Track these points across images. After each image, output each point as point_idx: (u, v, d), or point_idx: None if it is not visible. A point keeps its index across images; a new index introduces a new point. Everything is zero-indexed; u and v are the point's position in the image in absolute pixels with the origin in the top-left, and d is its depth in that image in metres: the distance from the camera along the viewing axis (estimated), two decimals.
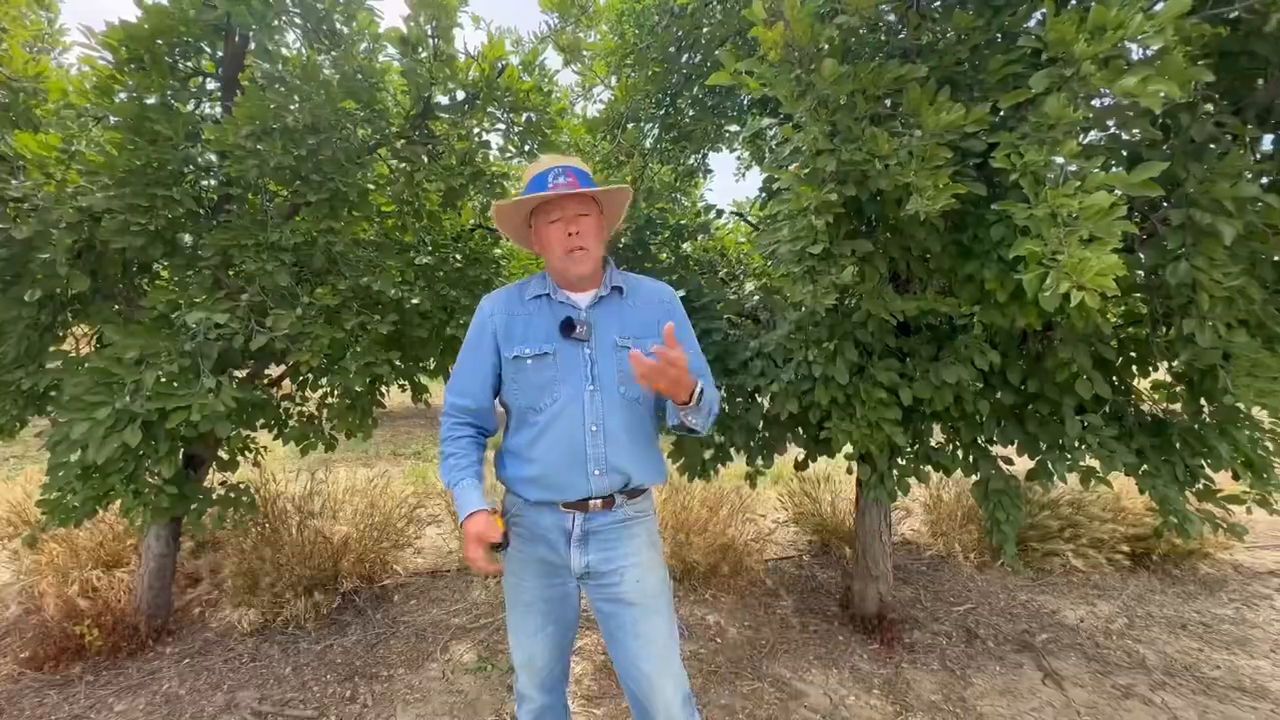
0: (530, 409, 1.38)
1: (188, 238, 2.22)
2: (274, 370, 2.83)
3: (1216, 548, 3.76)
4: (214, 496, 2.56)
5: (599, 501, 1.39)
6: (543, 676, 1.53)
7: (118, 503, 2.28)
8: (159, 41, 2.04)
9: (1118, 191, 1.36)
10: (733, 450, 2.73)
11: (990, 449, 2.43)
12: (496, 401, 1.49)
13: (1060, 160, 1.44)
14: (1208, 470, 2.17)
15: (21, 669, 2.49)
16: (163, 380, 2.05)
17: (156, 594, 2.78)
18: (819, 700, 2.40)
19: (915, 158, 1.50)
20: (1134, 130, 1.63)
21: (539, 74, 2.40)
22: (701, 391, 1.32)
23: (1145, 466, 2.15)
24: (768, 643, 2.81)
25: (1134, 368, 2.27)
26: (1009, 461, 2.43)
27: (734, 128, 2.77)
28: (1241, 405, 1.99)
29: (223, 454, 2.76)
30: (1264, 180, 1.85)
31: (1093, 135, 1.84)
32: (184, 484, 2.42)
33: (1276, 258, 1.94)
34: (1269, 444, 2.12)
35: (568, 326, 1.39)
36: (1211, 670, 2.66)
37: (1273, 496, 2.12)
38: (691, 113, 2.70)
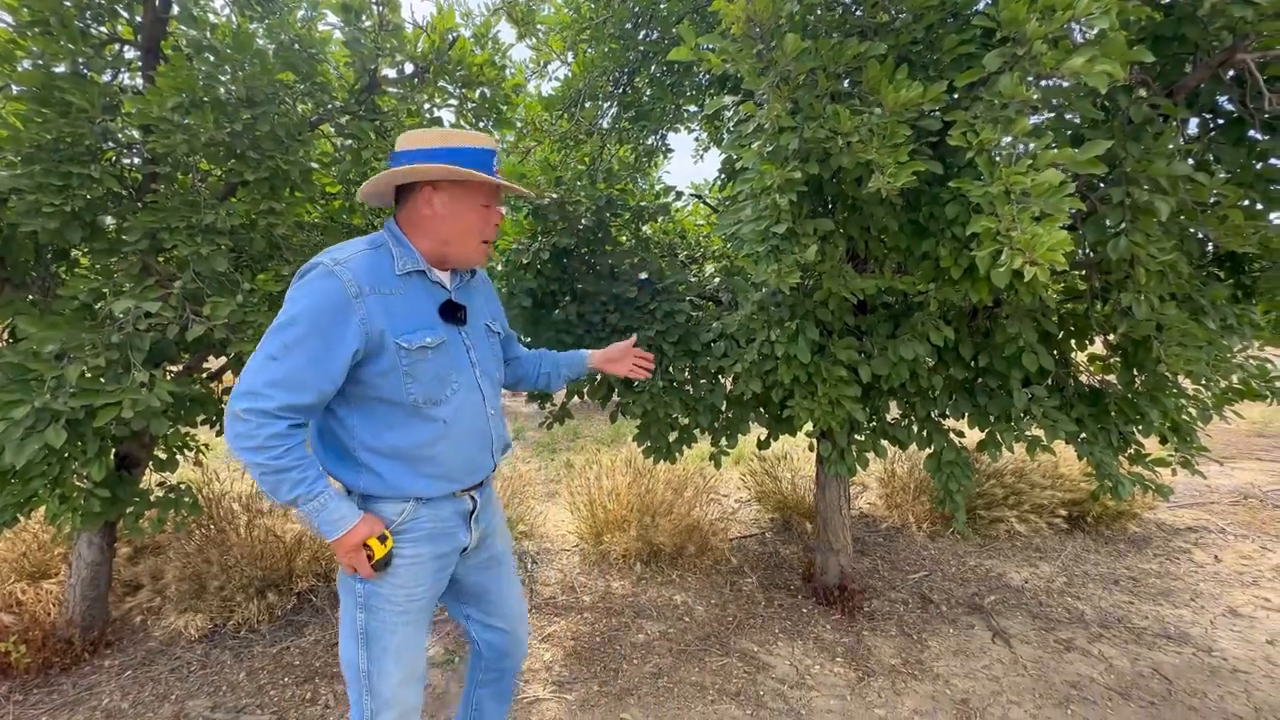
0: (428, 402, 1.25)
1: (110, 220, 2.05)
2: (215, 363, 2.66)
3: (1142, 508, 4.05)
4: (152, 498, 2.40)
5: (490, 475, 1.46)
6: (422, 678, 1.40)
7: (41, 509, 2.11)
8: (66, 3, 1.85)
9: (1061, 169, 1.41)
10: (697, 431, 2.75)
11: (943, 422, 2.53)
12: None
13: (1009, 139, 1.48)
14: (1138, 436, 2.32)
15: None
16: (88, 375, 1.89)
17: (91, 604, 2.59)
18: (786, 671, 2.47)
19: (876, 135, 1.52)
20: (1078, 111, 1.69)
21: (492, 47, 2.30)
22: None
23: (1083, 434, 2.28)
24: (734, 619, 2.86)
25: (1073, 341, 2.39)
26: (960, 434, 2.53)
27: (693, 108, 2.75)
28: (1170, 374, 2.12)
29: (160, 453, 2.59)
30: (1190, 160, 1.96)
31: (1036, 118, 1.91)
32: (117, 486, 2.26)
33: (1200, 235, 2.08)
34: (1192, 410, 2.28)
35: (451, 310, 1.32)
36: (1141, 621, 2.87)
37: (1194, 459, 2.29)
38: (649, 91, 2.66)
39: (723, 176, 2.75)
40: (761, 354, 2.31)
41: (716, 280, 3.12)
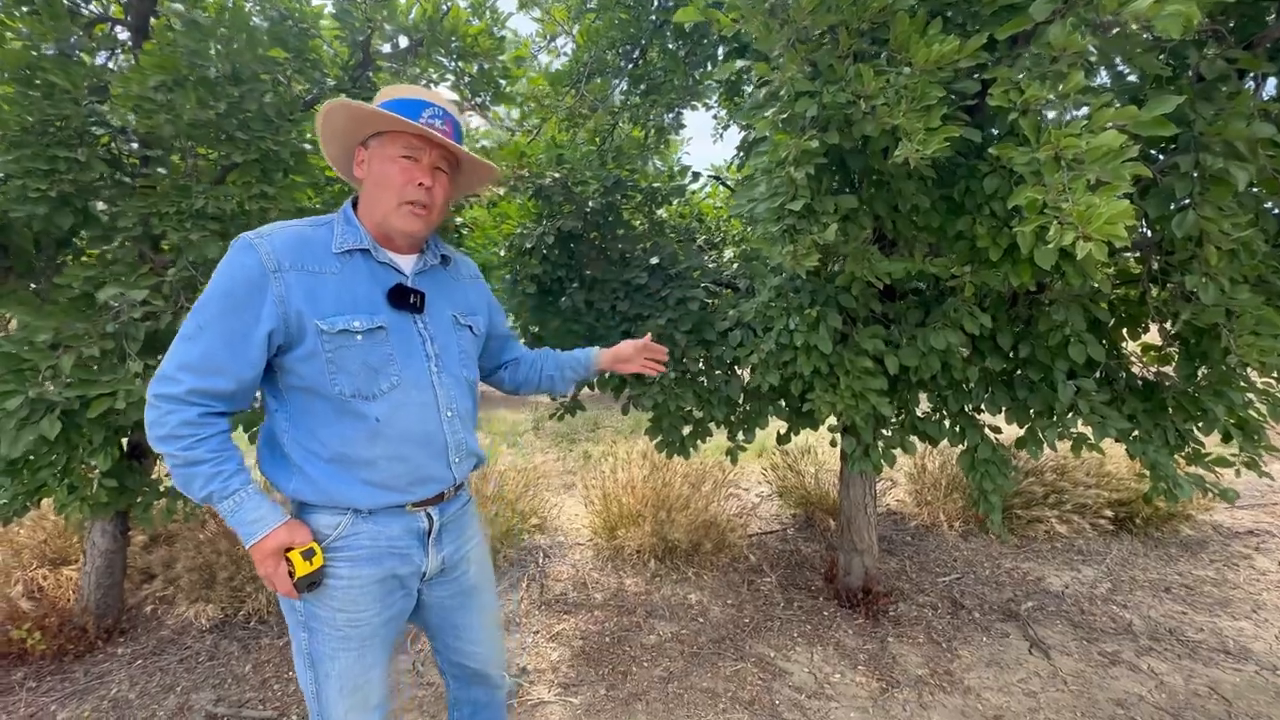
0: (358, 396, 1.10)
1: (102, 205, 2.00)
2: None
3: (1197, 509, 3.76)
4: (161, 488, 2.38)
5: (452, 489, 1.25)
6: (379, 708, 1.26)
7: (51, 498, 2.11)
8: None
9: (1121, 130, 1.23)
10: (712, 425, 2.62)
11: (978, 417, 2.34)
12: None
13: (1058, 99, 1.30)
14: (1197, 434, 2.10)
15: None
16: (88, 365, 1.86)
17: (105, 592, 2.61)
18: (803, 679, 2.33)
19: (904, 97, 1.35)
20: (1140, 66, 1.49)
21: (490, 17, 2.18)
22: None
23: (1136, 432, 2.08)
24: (751, 620, 2.73)
25: (1124, 330, 2.18)
26: (996, 430, 2.35)
27: (707, 81, 2.58)
28: (1240, 365, 1.90)
29: None
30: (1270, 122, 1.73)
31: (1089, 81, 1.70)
32: (125, 476, 2.25)
33: (1277, 210, 1.85)
34: (1261, 406, 2.05)
35: (399, 295, 1.15)
36: (1195, 633, 2.64)
37: (1262, 459, 2.06)
38: (661, 64, 2.50)
39: (740, 155, 2.59)
40: (780, 343, 2.16)
41: (735, 266, 2.96)
